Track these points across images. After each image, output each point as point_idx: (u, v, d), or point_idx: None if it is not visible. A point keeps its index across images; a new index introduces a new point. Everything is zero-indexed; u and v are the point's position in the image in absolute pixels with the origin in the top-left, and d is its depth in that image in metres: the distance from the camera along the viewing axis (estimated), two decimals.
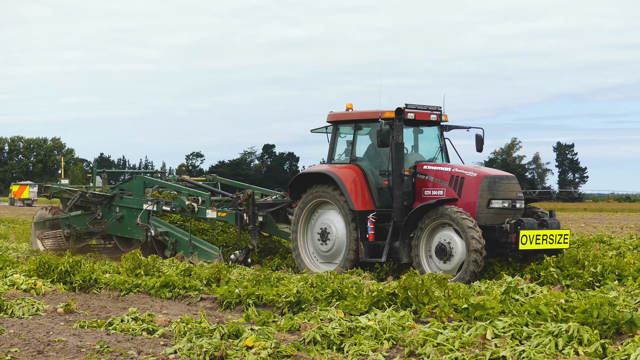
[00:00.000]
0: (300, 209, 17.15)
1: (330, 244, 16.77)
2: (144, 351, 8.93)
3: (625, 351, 8.19)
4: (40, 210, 22.09)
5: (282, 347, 8.44)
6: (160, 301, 13.15)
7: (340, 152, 17.39)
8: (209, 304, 12.79)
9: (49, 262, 14.93)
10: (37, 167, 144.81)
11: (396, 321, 9.90)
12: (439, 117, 16.91)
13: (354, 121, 17.03)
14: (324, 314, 10.56)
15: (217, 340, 8.90)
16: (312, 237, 17.11)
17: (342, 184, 16.28)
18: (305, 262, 16.99)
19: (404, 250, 15.63)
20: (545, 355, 8.23)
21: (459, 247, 14.98)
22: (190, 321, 10.01)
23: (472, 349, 8.65)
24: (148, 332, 10.07)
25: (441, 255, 15.18)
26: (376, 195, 16.48)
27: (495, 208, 15.33)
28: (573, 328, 8.71)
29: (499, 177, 15.59)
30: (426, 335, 8.93)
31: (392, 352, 8.88)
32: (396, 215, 15.81)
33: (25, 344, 9.28)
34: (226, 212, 18.68)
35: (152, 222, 19.49)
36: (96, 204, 20.67)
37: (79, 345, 9.17)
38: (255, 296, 12.30)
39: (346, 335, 9.37)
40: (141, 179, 20.70)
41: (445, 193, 15.74)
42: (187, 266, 16.10)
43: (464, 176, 15.63)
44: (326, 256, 16.91)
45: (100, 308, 12.30)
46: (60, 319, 11.23)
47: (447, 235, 15.16)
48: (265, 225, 18.81)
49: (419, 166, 16.31)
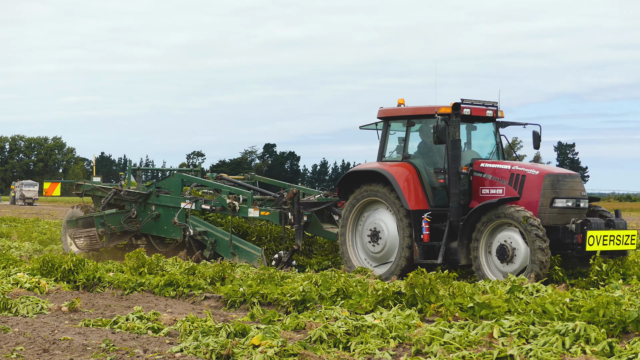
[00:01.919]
0: (349, 208, 16.50)
1: (381, 244, 16.09)
2: (149, 350, 8.91)
3: (633, 350, 8.17)
4: (71, 209, 21.36)
5: (289, 345, 8.41)
6: (165, 300, 13.13)
7: (391, 149, 16.68)
8: (213, 302, 12.76)
9: (53, 261, 14.90)
10: (38, 166, 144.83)
11: (402, 320, 9.87)
12: (494, 113, 16.28)
13: (406, 117, 16.31)
14: (330, 313, 10.53)
15: (223, 338, 8.87)
16: (361, 238, 16.44)
17: (395, 182, 15.61)
18: (353, 263, 16.28)
19: (462, 252, 14.97)
20: (552, 354, 8.21)
21: (522, 248, 14.33)
22: (195, 320, 9.99)
23: (479, 347, 8.63)
24: (153, 331, 10.04)
25: (502, 256, 14.50)
26: (430, 194, 15.81)
27: (558, 207, 14.62)
28: (580, 327, 8.68)
29: (563, 175, 14.93)
30: (433, 334, 8.90)
31: (399, 350, 8.86)
32: (452, 215, 15.16)
33: (30, 343, 9.26)
34: (269, 211, 17.99)
35: (190, 221, 18.81)
36: (131, 202, 20.03)
37: (84, 344, 9.15)
38: (260, 295, 12.27)
39: (352, 334, 9.34)
40: (179, 176, 19.95)
41: (504, 192, 15.06)
42: (190, 265, 16.08)
43: (525, 174, 14.95)
44: (376, 257, 16.24)
45: (105, 307, 12.28)
46: (65, 318, 11.21)
47: (509, 236, 14.50)
48: (310, 225, 18.13)
49: (475, 164, 15.66)
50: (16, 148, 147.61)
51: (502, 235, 14.58)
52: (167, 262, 16.67)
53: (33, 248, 22.19)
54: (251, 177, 21.77)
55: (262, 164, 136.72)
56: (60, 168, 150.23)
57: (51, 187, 76.24)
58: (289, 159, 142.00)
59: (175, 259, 17.84)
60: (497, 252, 14.59)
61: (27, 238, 25.69)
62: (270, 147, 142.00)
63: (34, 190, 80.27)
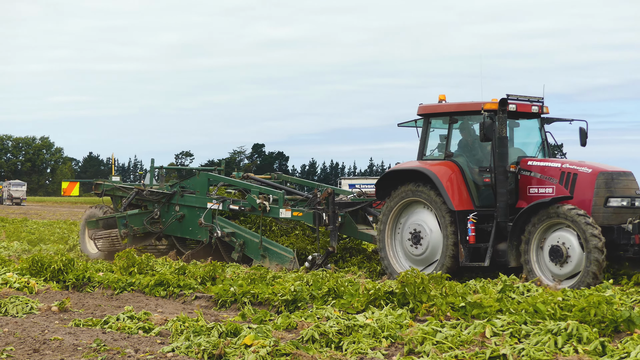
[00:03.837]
0: (388, 209, 15.80)
1: (423, 246, 15.42)
2: (141, 349, 8.87)
3: (625, 349, 8.18)
4: (90, 209, 20.74)
5: (281, 345, 8.39)
6: (155, 300, 13.08)
7: (432, 147, 16.03)
8: (204, 302, 12.73)
9: (42, 261, 14.83)
10: (26, 165, 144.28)
11: (394, 319, 9.86)
12: (540, 109, 15.62)
13: (448, 114, 15.66)
14: (321, 312, 10.50)
15: (215, 338, 8.84)
16: (401, 239, 15.76)
17: (439, 182, 14.98)
18: (393, 266, 15.66)
19: (512, 254, 14.39)
20: (544, 353, 8.21)
21: (576, 249, 13.73)
22: (187, 319, 9.95)
23: (472, 347, 8.62)
24: (144, 331, 10.00)
25: (556, 258, 13.91)
26: (475, 194, 15.19)
27: (613, 207, 14.03)
28: (572, 326, 8.69)
29: (617, 173, 14.31)
30: (425, 333, 8.89)
31: (391, 350, 8.84)
32: (500, 216, 14.59)
33: (20, 343, 9.21)
34: (302, 211, 17.39)
35: (217, 221, 18.20)
36: (153, 202, 19.46)
37: (75, 344, 9.10)
38: (251, 294, 12.24)
39: (344, 333, 9.31)
40: (205, 175, 19.27)
41: (554, 191, 14.45)
42: (181, 264, 16.03)
43: (577, 172, 14.34)
44: (418, 260, 15.54)
45: (95, 306, 12.22)
46: (55, 318, 11.14)
47: (562, 237, 13.91)
48: (344, 226, 17.37)
49: (522, 162, 15.06)
50: (4, 148, 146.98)
51: (555, 236, 14.02)
52: (157, 262, 16.62)
53: (22, 248, 22.13)
54: (278, 176, 21.13)
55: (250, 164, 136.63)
56: (48, 168, 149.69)
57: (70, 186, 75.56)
58: (278, 159, 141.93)
59: (165, 258, 17.78)
60: (550, 253, 14.03)
61: (15, 238, 25.62)
62: (259, 147, 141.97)
63: (21, 190, 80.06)
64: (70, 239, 24.88)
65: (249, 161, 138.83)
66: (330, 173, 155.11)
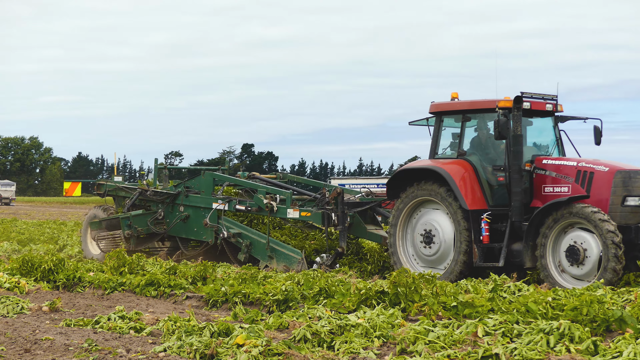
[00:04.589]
0: (399, 209, 15.56)
1: (435, 247, 15.18)
2: (132, 349, 8.84)
3: (617, 348, 8.20)
4: (92, 210, 20.41)
5: (273, 345, 8.37)
6: (146, 300, 13.06)
7: (444, 145, 15.78)
8: (195, 302, 12.71)
9: (32, 261, 14.79)
10: (15, 165, 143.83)
11: (386, 319, 9.85)
12: (554, 107, 15.41)
13: (461, 112, 15.43)
14: (313, 312, 10.49)
15: (207, 338, 8.83)
16: (412, 240, 15.52)
17: (452, 181, 14.74)
18: (404, 267, 14.37)
19: (527, 254, 14.14)
20: (537, 352, 8.22)
21: (594, 248, 13.51)
22: (178, 319, 9.93)
23: (464, 346, 8.61)
24: (136, 331, 9.97)
25: (573, 258, 13.67)
26: (488, 193, 14.96)
27: (631, 206, 13.75)
28: (564, 325, 8.69)
29: (635, 172, 13.95)
30: (417, 333, 8.88)
31: (383, 349, 8.84)
32: (515, 215, 14.41)
33: (11, 343, 9.18)
34: (311, 211, 17.12)
35: (222, 222, 17.98)
36: (157, 202, 19.22)
37: (66, 344, 9.07)
38: (242, 294, 12.22)
39: (336, 333, 9.30)
40: (210, 175, 18.94)
41: (570, 190, 14.22)
42: (171, 264, 16.00)
43: (594, 171, 14.08)
44: (429, 260, 15.32)
45: (86, 306, 12.18)
46: (46, 318, 11.11)
47: (579, 237, 13.67)
48: (353, 226, 17.12)
49: (537, 160, 14.84)
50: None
51: (572, 236, 13.79)
52: (148, 262, 16.59)
53: (12, 248, 22.07)
54: (283, 176, 20.93)
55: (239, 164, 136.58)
56: (37, 168, 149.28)
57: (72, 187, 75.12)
58: (267, 159, 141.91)
59: (156, 258, 17.73)
60: (567, 253, 13.80)
61: (5, 238, 25.56)
62: (248, 147, 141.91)
63: (10, 190, 79.77)
64: (60, 239, 24.85)
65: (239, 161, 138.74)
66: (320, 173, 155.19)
